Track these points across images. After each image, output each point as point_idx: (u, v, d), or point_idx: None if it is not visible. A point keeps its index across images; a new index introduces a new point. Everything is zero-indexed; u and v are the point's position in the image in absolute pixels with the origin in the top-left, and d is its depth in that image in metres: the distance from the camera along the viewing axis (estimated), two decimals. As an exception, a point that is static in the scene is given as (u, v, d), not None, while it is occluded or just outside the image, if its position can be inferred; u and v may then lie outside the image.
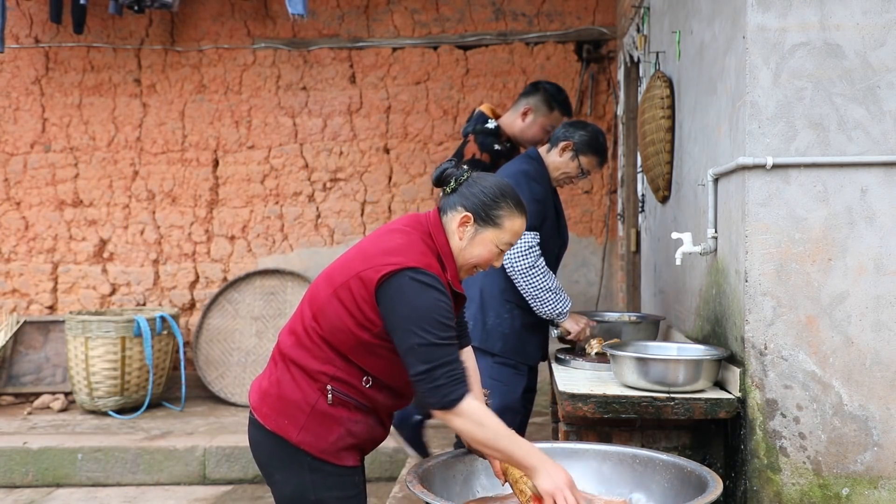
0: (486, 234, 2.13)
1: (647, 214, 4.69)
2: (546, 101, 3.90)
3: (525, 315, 3.35)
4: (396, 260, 2.02)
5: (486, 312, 3.35)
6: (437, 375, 1.96)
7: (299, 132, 6.42)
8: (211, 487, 4.85)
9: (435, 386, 1.96)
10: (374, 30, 6.36)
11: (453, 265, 2.15)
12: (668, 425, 2.60)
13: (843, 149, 2.46)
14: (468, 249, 2.14)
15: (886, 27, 2.44)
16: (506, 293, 3.33)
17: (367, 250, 2.11)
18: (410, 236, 2.12)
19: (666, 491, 2.16)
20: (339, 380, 2.10)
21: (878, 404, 2.46)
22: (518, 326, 3.36)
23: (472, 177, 2.17)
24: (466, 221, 2.12)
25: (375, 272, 2.02)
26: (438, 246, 2.13)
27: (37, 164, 6.49)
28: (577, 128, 3.40)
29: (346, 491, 2.15)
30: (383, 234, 2.16)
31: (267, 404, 2.15)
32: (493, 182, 2.15)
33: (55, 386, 6.24)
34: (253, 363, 6.14)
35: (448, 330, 2.00)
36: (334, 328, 2.08)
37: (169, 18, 6.41)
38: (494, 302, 3.35)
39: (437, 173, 2.20)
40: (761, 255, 2.49)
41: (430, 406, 2.00)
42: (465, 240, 2.13)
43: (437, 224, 2.16)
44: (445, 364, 1.97)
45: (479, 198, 2.12)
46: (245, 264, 6.45)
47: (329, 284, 2.12)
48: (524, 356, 3.40)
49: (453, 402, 1.96)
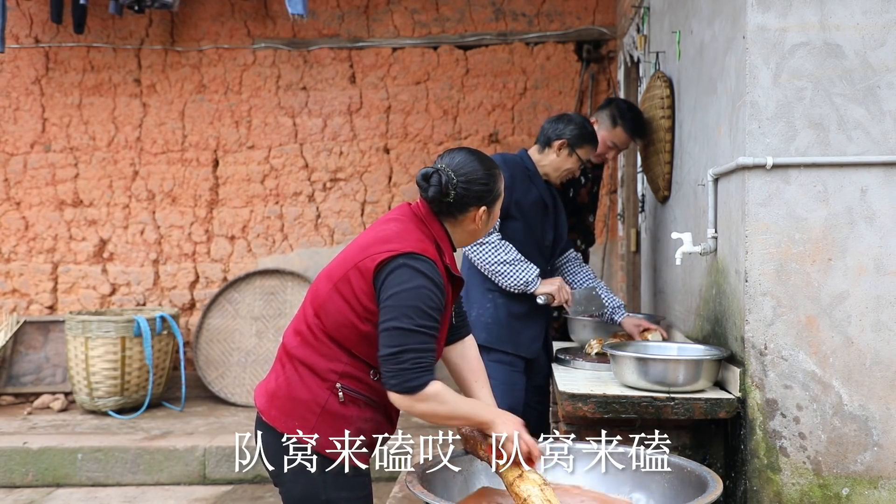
0: (496, 206, 2.23)
1: (647, 214, 4.69)
2: (611, 115, 3.78)
3: (511, 304, 3.30)
4: (392, 247, 2.05)
5: (471, 305, 3.33)
6: (404, 359, 1.97)
7: (299, 132, 6.42)
8: (211, 487, 4.85)
9: (400, 369, 1.97)
10: (374, 30, 6.36)
11: (450, 249, 2.19)
12: (668, 425, 2.60)
13: (843, 149, 2.46)
14: (489, 226, 2.25)
15: (886, 27, 2.44)
16: (486, 282, 3.30)
17: (364, 242, 2.14)
18: (406, 224, 2.15)
19: (666, 491, 2.16)
20: (348, 375, 2.11)
21: (878, 404, 2.45)
22: (503, 316, 3.30)
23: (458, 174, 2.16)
24: (481, 215, 2.19)
25: (371, 261, 2.05)
26: (434, 232, 2.16)
27: (37, 164, 6.49)
28: (564, 123, 3.36)
29: (355, 491, 2.15)
30: (379, 225, 2.19)
31: (276, 406, 2.15)
32: (473, 168, 2.17)
33: (55, 386, 6.24)
34: (253, 363, 6.14)
35: (429, 319, 2.01)
36: (337, 323, 2.09)
37: (169, 18, 6.41)
38: (475, 292, 3.33)
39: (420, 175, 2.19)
40: (761, 255, 2.49)
41: (392, 388, 2.00)
42: (481, 225, 2.22)
43: (428, 213, 2.19)
44: (415, 350, 1.98)
45: (474, 188, 2.16)
46: (245, 264, 6.45)
47: (329, 280, 2.13)
48: (514, 346, 3.31)
49: (415, 388, 1.98)
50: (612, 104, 3.83)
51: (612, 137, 3.77)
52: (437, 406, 2.01)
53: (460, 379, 2.38)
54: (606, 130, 3.76)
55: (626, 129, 3.77)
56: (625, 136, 3.79)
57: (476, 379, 2.36)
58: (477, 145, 6.26)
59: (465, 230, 2.22)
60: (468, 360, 2.37)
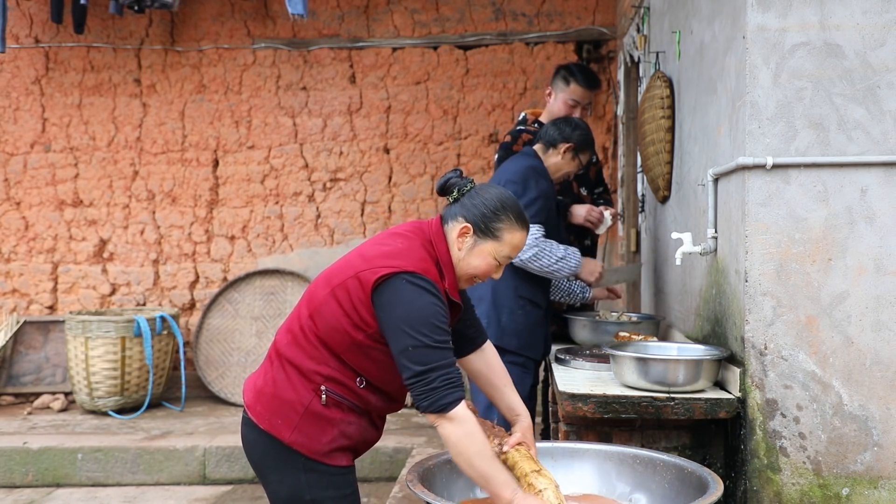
0: (486, 246, 2.12)
1: (647, 214, 4.69)
2: (563, 76, 4.00)
3: (535, 311, 3.42)
4: (395, 263, 2.02)
5: (500, 310, 3.37)
6: (432, 378, 1.95)
7: (299, 132, 6.42)
8: (211, 487, 4.86)
9: (430, 388, 1.95)
10: (374, 30, 6.36)
11: (452, 273, 2.14)
12: (668, 425, 2.60)
13: (843, 149, 2.46)
14: (466, 260, 2.13)
15: (886, 27, 2.44)
16: (519, 289, 3.36)
17: (367, 252, 2.11)
18: (412, 242, 2.12)
19: (666, 491, 2.16)
20: (333, 380, 2.10)
21: (878, 404, 2.45)
22: (531, 323, 3.41)
23: (476, 188, 2.16)
24: (466, 232, 2.11)
25: (373, 273, 2.02)
26: (439, 254, 2.12)
27: (37, 164, 6.49)
28: (571, 127, 3.49)
29: (341, 490, 2.15)
30: (385, 238, 2.16)
31: (261, 403, 2.15)
32: (496, 194, 2.14)
33: (55, 386, 6.24)
34: (253, 363, 6.14)
35: (443, 333, 1.99)
36: (330, 328, 2.09)
37: (169, 18, 6.41)
38: (507, 300, 3.37)
39: (441, 182, 2.19)
40: (761, 255, 2.49)
41: (423, 409, 1.98)
42: (465, 250, 2.12)
43: (438, 232, 2.15)
44: (440, 367, 1.96)
45: (479, 209, 2.11)
46: (245, 264, 6.45)
47: (327, 284, 2.12)
48: (534, 351, 3.45)
49: (447, 405, 1.95)
50: (560, 70, 4.06)
51: (571, 95, 3.98)
52: (463, 436, 1.95)
53: (488, 385, 2.35)
54: (563, 91, 3.99)
55: (580, 82, 3.97)
56: (581, 90, 3.98)
57: (504, 384, 2.34)
58: (477, 145, 6.27)
59: (452, 242, 2.13)
60: (492, 367, 2.36)
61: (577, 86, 3.97)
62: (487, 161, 6.22)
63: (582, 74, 3.99)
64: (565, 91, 3.98)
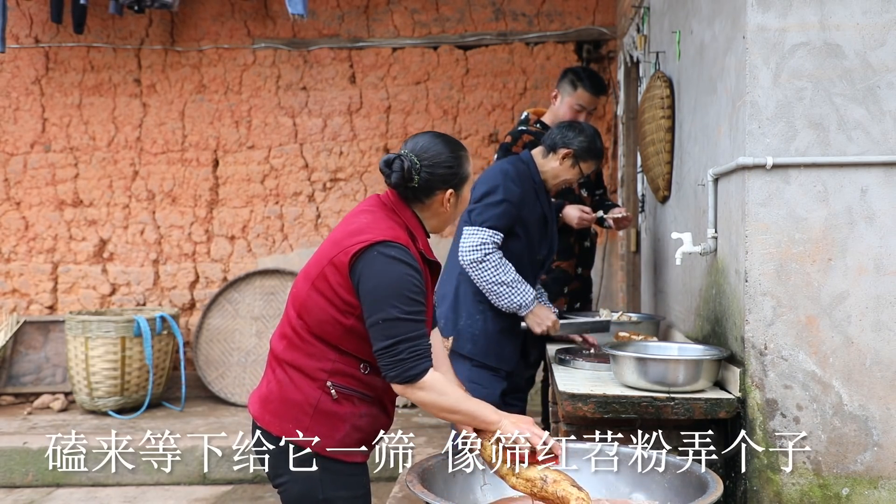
0: (465, 188, 2.22)
1: (647, 214, 4.69)
2: (571, 80, 3.96)
3: (500, 319, 3.29)
4: (364, 238, 2.05)
5: (459, 313, 3.31)
6: (400, 350, 1.99)
7: (299, 132, 6.42)
8: (211, 487, 4.85)
9: (397, 360, 1.99)
10: (374, 30, 6.36)
11: (423, 235, 2.20)
12: (668, 425, 2.59)
13: (843, 149, 2.46)
14: (459, 209, 2.23)
15: (886, 27, 2.44)
16: (478, 294, 3.27)
17: (336, 237, 2.14)
18: (375, 214, 2.15)
19: (666, 491, 2.16)
20: (338, 373, 2.11)
21: (878, 404, 2.45)
22: (491, 329, 3.30)
23: (422, 158, 2.15)
24: (448, 198, 2.18)
25: (345, 255, 2.05)
26: (405, 219, 2.16)
27: (37, 164, 6.49)
28: (575, 132, 3.32)
29: (353, 490, 2.16)
30: (349, 219, 2.19)
31: (269, 411, 2.15)
32: (437, 150, 2.16)
33: (55, 386, 6.24)
34: (253, 363, 6.14)
35: (415, 305, 2.03)
36: (320, 321, 2.10)
37: (169, 18, 6.41)
38: (467, 302, 3.30)
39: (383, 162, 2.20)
40: (761, 255, 2.49)
41: (392, 380, 2.02)
42: (450, 208, 2.20)
43: (397, 201, 2.19)
44: (409, 339, 2.00)
45: (438, 172, 2.15)
46: (245, 264, 6.45)
47: (307, 280, 2.14)
48: (499, 360, 3.32)
49: (415, 376, 1.99)
50: (567, 73, 4.02)
51: (577, 100, 3.94)
52: (436, 397, 2.02)
53: None
54: (569, 95, 3.95)
55: (588, 88, 3.93)
56: (588, 96, 3.95)
57: (441, 363, 2.32)
58: (477, 145, 6.27)
59: (435, 215, 2.22)
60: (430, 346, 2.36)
61: (585, 91, 3.93)
62: (487, 161, 6.22)
63: (590, 80, 3.95)
64: (572, 95, 3.94)
